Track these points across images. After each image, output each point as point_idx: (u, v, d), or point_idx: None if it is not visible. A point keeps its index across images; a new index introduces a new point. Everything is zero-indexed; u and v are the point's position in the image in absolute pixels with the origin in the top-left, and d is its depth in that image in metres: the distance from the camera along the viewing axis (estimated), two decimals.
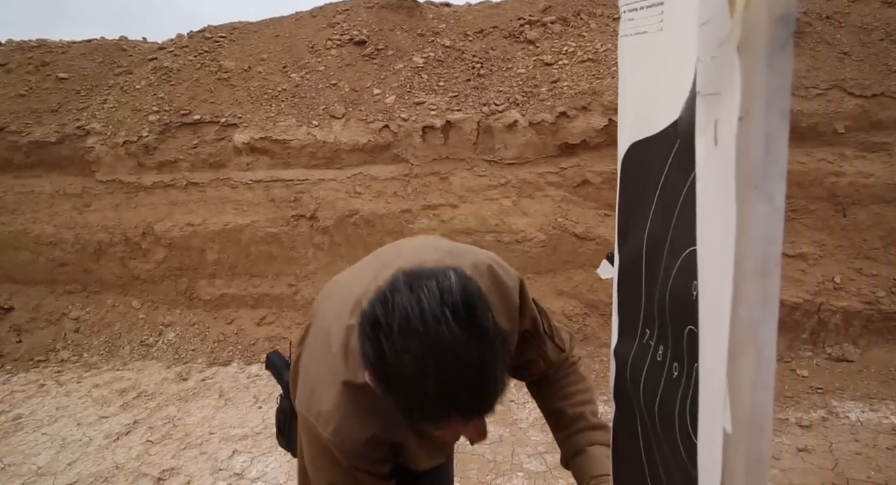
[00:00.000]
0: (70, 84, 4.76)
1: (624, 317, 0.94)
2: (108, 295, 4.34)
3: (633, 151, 0.84)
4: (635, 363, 0.87)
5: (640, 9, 0.81)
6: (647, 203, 0.82)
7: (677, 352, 0.70)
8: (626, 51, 0.86)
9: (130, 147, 4.29)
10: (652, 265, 0.81)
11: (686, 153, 0.69)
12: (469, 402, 0.75)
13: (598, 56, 4.41)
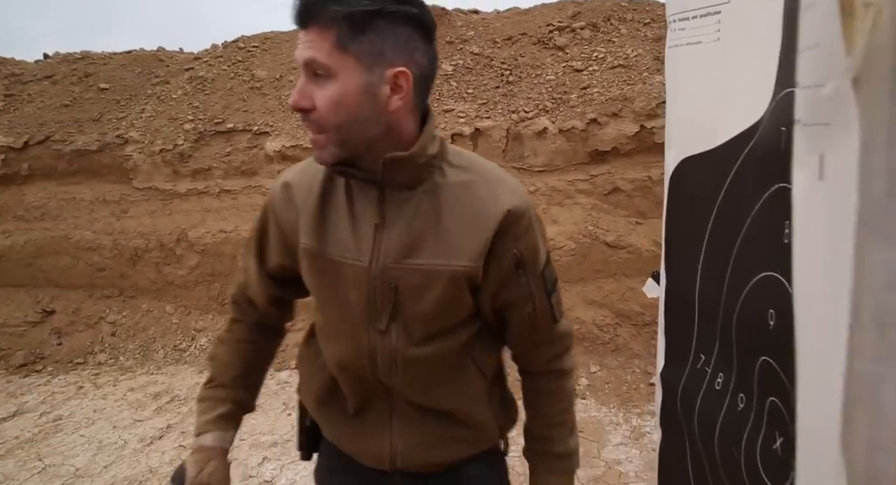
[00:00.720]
0: (111, 94, 4.89)
1: (673, 341, 0.90)
2: (143, 300, 4.44)
3: (685, 166, 0.81)
4: (688, 390, 0.83)
5: (691, 18, 0.78)
6: (702, 222, 0.79)
7: (744, 383, 0.67)
8: (675, 62, 0.83)
9: (166, 155, 4.38)
10: (710, 288, 0.77)
11: (758, 173, 0.65)
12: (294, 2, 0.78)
13: (629, 62, 4.34)
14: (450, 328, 0.96)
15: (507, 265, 0.92)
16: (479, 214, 0.89)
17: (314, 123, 0.81)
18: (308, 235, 0.93)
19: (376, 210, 0.89)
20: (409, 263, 0.89)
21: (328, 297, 0.96)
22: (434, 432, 1.01)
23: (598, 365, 3.78)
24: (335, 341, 0.98)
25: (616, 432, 3.18)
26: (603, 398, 3.50)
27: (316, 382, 1.05)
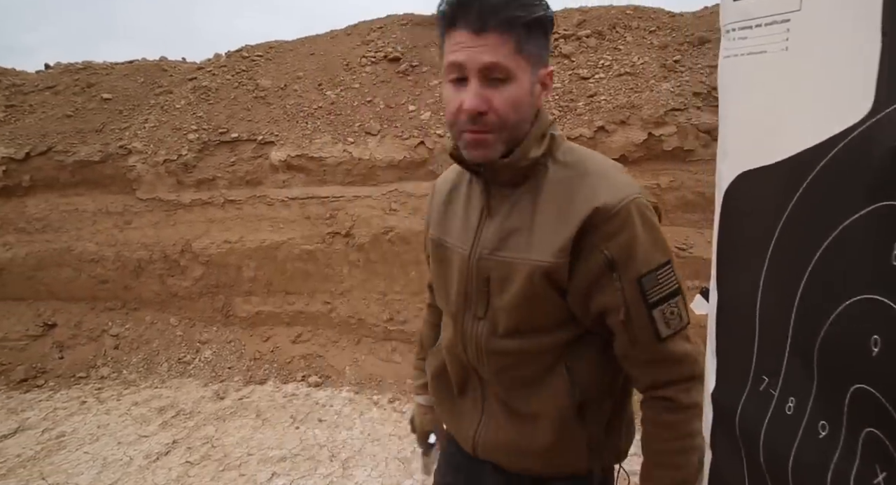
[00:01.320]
0: (113, 104, 4.87)
1: (727, 360, 0.86)
2: (146, 312, 4.39)
3: (744, 180, 0.78)
4: (749, 412, 0.79)
5: (755, 27, 0.74)
6: (765, 237, 0.75)
7: (828, 411, 0.63)
8: (732, 72, 0.80)
9: (170, 165, 4.35)
10: (776, 307, 0.73)
11: (848, 189, 0.61)
12: (464, 5, 0.82)
13: (636, 69, 4.33)
14: (538, 327, 0.94)
15: (595, 266, 0.88)
16: (568, 210, 0.88)
17: (486, 124, 0.86)
18: (434, 227, 1.07)
19: (484, 203, 0.97)
20: (499, 256, 0.94)
21: (441, 282, 1.07)
22: (512, 435, 1.01)
23: None
24: (446, 324, 1.10)
25: None
26: None
27: (436, 357, 1.16)
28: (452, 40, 0.84)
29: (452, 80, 0.87)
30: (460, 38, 0.83)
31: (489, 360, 0.99)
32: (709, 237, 3.82)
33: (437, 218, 1.07)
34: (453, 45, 0.84)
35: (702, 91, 3.97)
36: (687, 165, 3.84)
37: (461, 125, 0.87)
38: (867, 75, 0.59)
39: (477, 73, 0.83)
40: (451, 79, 0.87)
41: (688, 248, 3.69)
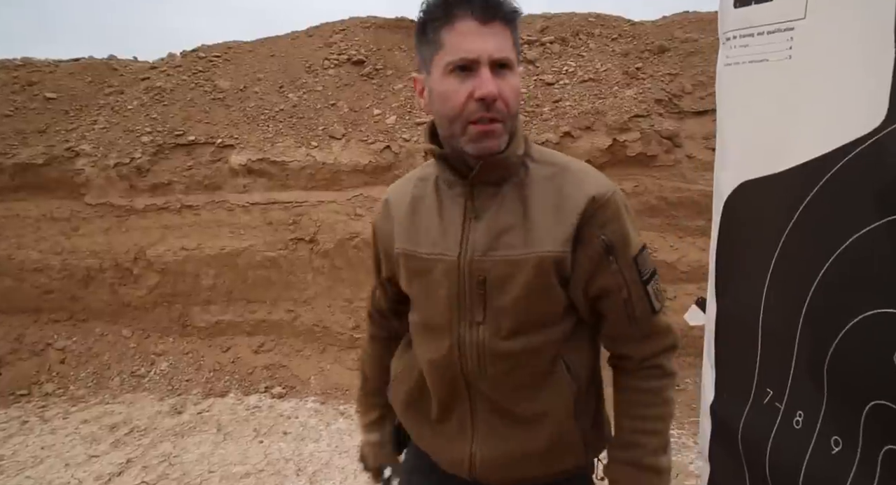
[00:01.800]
0: (58, 104, 4.61)
1: (727, 371, 0.85)
2: (96, 323, 4.15)
3: (746, 190, 0.77)
4: (753, 426, 0.78)
5: (756, 35, 0.73)
6: (768, 248, 0.74)
7: (842, 426, 0.61)
8: (732, 80, 0.79)
9: (122, 169, 4.14)
10: (780, 319, 0.72)
11: (850, 200, 0.60)
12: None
13: (599, 76, 4.40)
14: (540, 323, 0.95)
15: (596, 252, 0.92)
16: (564, 202, 0.92)
17: (498, 112, 0.86)
18: (402, 239, 1.01)
19: (465, 205, 0.94)
20: (496, 255, 0.92)
21: (422, 294, 1.01)
22: (515, 443, 0.98)
23: None
24: (429, 339, 1.02)
25: None
26: None
27: (405, 383, 1.10)
28: (457, 31, 0.84)
29: (455, 71, 0.84)
30: (467, 28, 0.83)
31: (492, 365, 0.95)
32: (671, 241, 3.91)
33: (402, 231, 1.01)
34: (459, 36, 0.84)
35: (663, 98, 4.06)
36: (650, 171, 3.91)
37: (470, 115, 0.85)
38: (879, 85, 0.58)
39: (488, 62, 0.84)
40: (454, 70, 0.84)
41: (652, 252, 3.76)
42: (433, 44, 0.86)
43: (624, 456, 0.98)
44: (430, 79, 0.89)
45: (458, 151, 0.90)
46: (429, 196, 1.00)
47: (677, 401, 3.59)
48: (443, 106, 0.87)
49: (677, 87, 4.14)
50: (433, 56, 0.86)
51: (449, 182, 0.96)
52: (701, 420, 0.91)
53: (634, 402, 0.99)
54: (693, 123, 4.00)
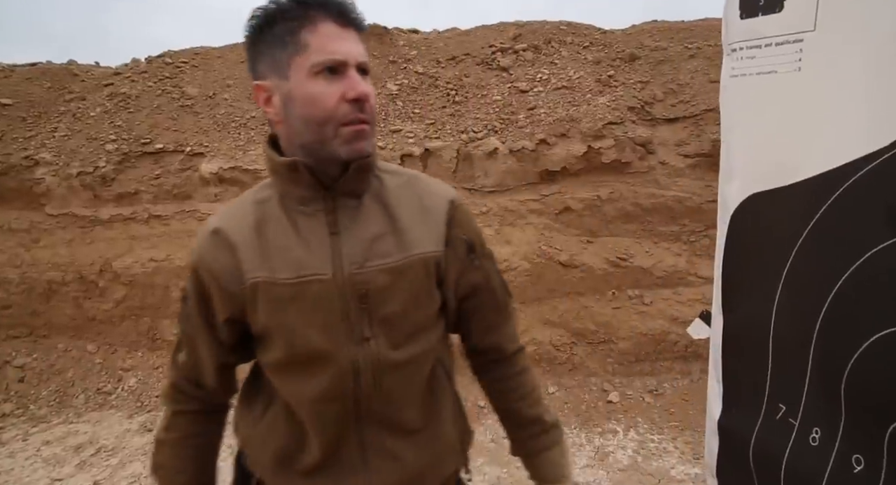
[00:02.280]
0: (15, 111, 4.41)
1: (735, 386, 0.84)
2: (58, 339, 3.97)
3: (755, 202, 0.76)
4: (766, 442, 0.77)
5: (764, 46, 0.73)
6: (777, 261, 0.73)
7: (864, 445, 0.60)
8: (739, 91, 0.78)
9: (85, 178, 3.99)
10: (793, 334, 0.71)
11: (864, 215, 0.60)
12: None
13: (573, 83, 4.44)
14: (423, 328, 0.96)
15: (461, 251, 0.98)
16: (429, 206, 0.96)
17: (368, 114, 0.85)
18: (255, 268, 0.89)
19: (328, 220, 0.90)
20: (375, 266, 0.90)
21: (290, 326, 0.89)
22: (410, 458, 0.97)
23: (555, 385, 3.76)
24: (307, 376, 0.91)
25: (581, 454, 3.15)
26: (563, 419, 3.47)
27: (273, 440, 0.97)
28: (320, 32, 0.82)
29: (324, 73, 0.82)
30: (330, 30, 0.82)
31: (387, 379, 0.92)
32: (646, 247, 3.96)
33: (252, 259, 0.89)
34: (324, 37, 0.82)
35: (635, 106, 4.12)
36: (624, 177, 3.96)
37: (342, 117, 0.83)
38: (892, 100, 0.58)
39: (353, 66, 0.83)
40: (322, 71, 0.82)
41: (628, 258, 3.80)
42: (291, 46, 0.82)
43: (534, 429, 1.09)
44: (290, 83, 0.83)
45: (323, 159, 0.86)
46: (275, 218, 0.91)
47: (656, 406, 3.61)
48: (311, 109, 0.83)
49: (649, 95, 4.20)
50: (292, 58, 0.82)
51: (302, 199, 0.90)
52: (707, 436, 0.89)
53: (524, 382, 1.10)
54: (665, 130, 4.07)
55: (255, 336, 0.94)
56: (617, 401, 3.51)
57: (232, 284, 0.90)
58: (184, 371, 0.99)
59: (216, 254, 0.91)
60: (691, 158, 3.96)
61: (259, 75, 0.87)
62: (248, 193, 0.97)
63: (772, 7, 0.70)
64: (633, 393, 3.57)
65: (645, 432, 3.24)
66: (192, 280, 0.94)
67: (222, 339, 0.95)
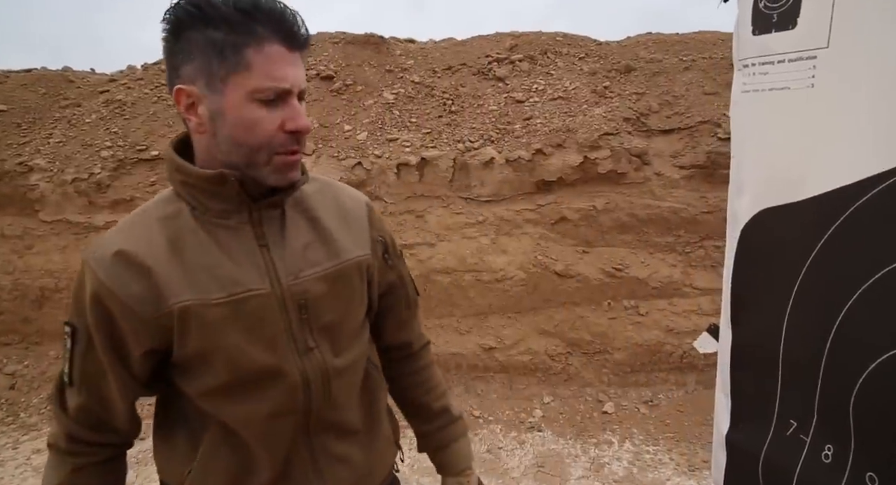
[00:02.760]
0: (9, 117, 4.39)
1: (744, 401, 0.84)
2: (51, 346, 3.92)
3: (766, 216, 0.76)
4: (775, 458, 0.77)
5: (777, 63, 0.73)
6: (788, 277, 0.73)
7: (878, 464, 0.60)
8: (750, 107, 0.79)
9: (80, 185, 3.96)
10: (804, 350, 0.71)
11: (879, 232, 0.60)
12: (275, 13, 0.77)
13: (569, 94, 4.47)
14: (357, 330, 0.98)
15: (380, 251, 1.01)
16: (348, 211, 0.97)
17: (302, 145, 0.84)
18: (180, 291, 0.80)
19: (255, 232, 0.86)
20: (310, 275, 0.88)
21: (233, 346, 0.83)
22: (359, 459, 0.99)
23: (550, 395, 3.75)
24: (258, 393, 0.86)
25: (576, 465, 3.14)
26: (559, 430, 3.46)
27: (217, 471, 0.90)
28: (266, 55, 0.76)
29: (263, 100, 0.77)
30: (277, 53, 0.77)
31: (334, 386, 0.91)
32: (642, 258, 3.97)
33: (175, 282, 0.81)
34: (270, 61, 0.76)
35: (631, 117, 4.15)
36: (620, 188, 3.98)
37: (278, 147, 0.80)
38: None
39: (295, 93, 0.80)
40: (262, 98, 0.77)
41: (624, 268, 3.81)
42: (232, 61, 0.75)
43: (442, 421, 1.14)
44: (224, 100, 0.77)
45: (250, 178, 0.82)
46: (191, 234, 0.83)
47: (651, 417, 3.60)
48: (245, 134, 0.78)
49: (644, 107, 4.23)
50: (230, 75, 0.76)
51: (223, 212, 0.84)
52: (714, 449, 0.89)
53: (431, 375, 1.16)
54: (661, 141, 4.10)
55: (180, 364, 0.86)
56: (612, 412, 3.51)
57: (149, 311, 0.80)
58: (80, 417, 0.87)
59: (124, 279, 0.80)
60: (686, 169, 3.98)
61: (183, 78, 0.79)
62: (148, 208, 0.87)
63: (785, 24, 0.71)
64: (628, 404, 3.57)
65: (640, 443, 3.23)
66: (94, 312, 0.81)
67: (136, 374, 0.85)
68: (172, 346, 0.83)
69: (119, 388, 0.85)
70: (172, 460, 0.93)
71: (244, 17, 0.75)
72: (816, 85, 0.68)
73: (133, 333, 0.82)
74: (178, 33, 0.77)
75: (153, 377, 0.88)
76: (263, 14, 0.75)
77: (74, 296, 0.85)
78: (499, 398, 3.73)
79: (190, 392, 0.87)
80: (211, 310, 0.81)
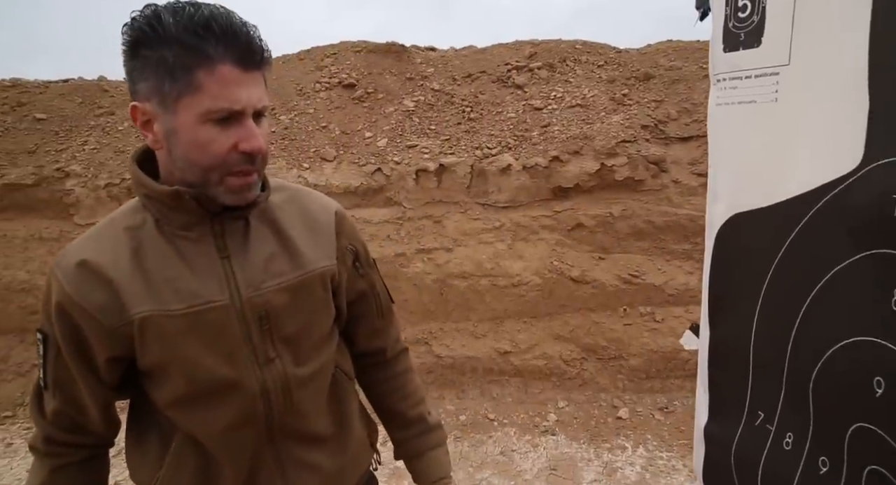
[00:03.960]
0: (48, 125, 4.61)
1: (720, 395, 0.89)
2: None
3: (738, 221, 0.81)
4: (745, 447, 0.81)
5: (744, 78, 0.79)
6: (758, 277, 0.78)
7: (828, 447, 0.65)
8: (723, 119, 0.84)
9: (112, 190, 4.14)
10: (770, 345, 0.76)
11: (842, 235, 0.65)
12: (230, 32, 0.76)
13: (587, 101, 4.51)
14: (323, 340, 0.97)
15: (349, 260, 1.01)
16: (316, 221, 0.96)
17: (259, 164, 0.82)
18: (140, 302, 0.82)
19: (217, 244, 0.86)
20: (272, 286, 0.88)
21: (191, 358, 0.84)
22: (328, 465, 0.99)
23: (565, 400, 3.77)
24: (212, 406, 0.87)
25: (589, 469, 3.16)
26: (572, 434, 3.48)
27: (182, 478, 0.91)
28: (218, 77, 0.75)
29: (214, 120, 0.77)
30: (230, 75, 0.76)
31: (297, 395, 0.92)
32: (659, 265, 3.98)
33: (137, 293, 0.82)
34: (221, 83, 0.76)
35: (649, 124, 4.17)
36: (637, 195, 4.00)
37: (230, 167, 0.80)
38: (856, 130, 0.63)
39: (249, 113, 0.79)
40: (214, 119, 0.77)
41: (640, 275, 3.82)
42: (182, 83, 0.75)
43: (417, 429, 1.14)
44: (175, 120, 0.77)
45: (205, 196, 0.82)
46: (153, 245, 0.84)
47: (666, 424, 3.59)
48: (199, 154, 0.79)
49: (663, 114, 4.25)
50: (181, 96, 0.76)
51: (185, 224, 0.85)
52: (695, 442, 0.94)
53: (406, 382, 1.15)
54: (679, 149, 4.11)
55: (145, 372, 0.88)
56: (626, 417, 3.52)
57: (111, 321, 0.82)
58: (56, 420, 0.90)
59: (86, 290, 0.81)
60: (704, 176, 3.98)
61: (138, 95, 0.79)
62: (116, 217, 0.88)
63: (751, 43, 0.76)
64: (643, 410, 3.57)
65: (654, 449, 3.24)
66: (60, 320, 0.83)
67: (103, 379, 0.88)
68: (135, 354, 0.85)
69: (89, 393, 0.87)
70: (142, 465, 0.94)
71: (195, 39, 0.74)
72: (779, 99, 0.73)
73: (97, 341, 0.83)
74: (134, 51, 0.77)
75: (124, 383, 0.90)
76: (215, 35, 0.74)
77: (43, 304, 0.87)
78: (513, 402, 3.77)
79: (156, 400, 0.89)
80: (170, 321, 0.82)
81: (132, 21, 0.76)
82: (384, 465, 1.18)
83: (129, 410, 0.97)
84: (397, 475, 2.87)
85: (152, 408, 0.91)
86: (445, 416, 3.61)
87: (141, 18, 0.75)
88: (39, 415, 0.91)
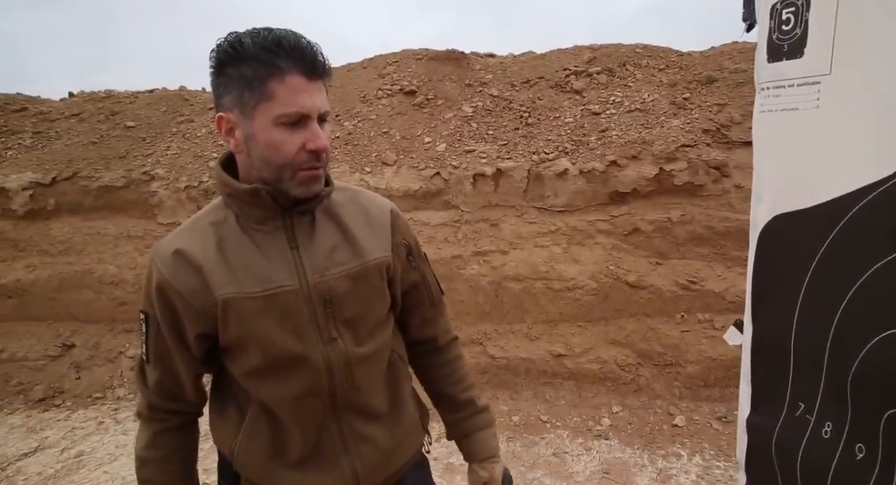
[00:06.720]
0: (137, 132, 5.02)
1: (762, 388, 0.93)
2: None
3: (780, 221, 0.86)
4: (785, 437, 0.85)
5: (787, 87, 0.84)
6: (799, 274, 0.83)
7: (865, 434, 0.69)
8: (767, 125, 0.89)
9: (191, 191, 4.46)
10: (810, 339, 0.80)
11: (870, 234, 0.70)
12: (297, 49, 0.88)
13: (646, 106, 4.47)
14: (379, 324, 1.08)
15: (403, 256, 1.12)
16: (374, 217, 1.08)
17: (323, 161, 0.95)
18: (223, 285, 0.94)
19: (287, 236, 0.99)
20: (335, 273, 1.00)
21: (265, 334, 0.96)
22: (385, 440, 1.09)
23: (619, 405, 3.75)
24: (283, 378, 0.99)
25: (642, 474, 3.14)
26: (626, 439, 3.47)
27: (257, 441, 1.03)
28: (287, 85, 0.88)
29: (286, 124, 0.89)
30: (297, 83, 0.88)
31: (357, 372, 1.02)
32: (719, 271, 3.90)
33: (221, 278, 0.95)
34: (291, 90, 0.88)
35: (711, 128, 4.09)
36: (697, 200, 3.93)
37: (300, 164, 0.92)
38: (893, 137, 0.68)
39: (314, 117, 0.90)
40: (285, 122, 0.89)
41: (699, 281, 3.76)
42: (258, 92, 0.88)
43: (467, 411, 1.24)
44: (252, 125, 0.90)
45: (278, 190, 0.94)
46: (235, 237, 0.98)
47: (724, 433, 3.51)
48: (272, 154, 0.91)
49: (725, 118, 4.16)
50: (258, 104, 0.89)
51: (260, 219, 0.98)
52: (738, 434, 0.98)
53: (457, 368, 1.25)
54: (741, 153, 4.01)
55: (225, 348, 1.00)
56: (683, 425, 3.47)
57: (199, 302, 0.95)
58: (157, 390, 1.03)
59: (180, 275, 0.95)
60: None
61: (223, 107, 0.93)
62: (201, 215, 1.03)
63: (794, 54, 0.81)
64: (700, 418, 3.51)
65: (711, 458, 3.18)
66: (159, 301, 0.97)
67: (194, 353, 1.01)
68: (218, 331, 0.98)
69: (184, 364, 1.01)
70: (223, 431, 1.08)
71: (269, 55, 0.87)
72: (821, 107, 0.78)
73: (188, 319, 0.97)
74: (220, 69, 0.91)
75: (209, 357, 1.04)
76: (285, 51, 0.87)
77: (145, 287, 1.02)
78: (567, 405, 3.78)
79: (234, 372, 1.02)
80: (248, 302, 0.95)
81: (217, 46, 0.90)
82: (438, 461, 1.27)
83: (213, 385, 1.10)
84: (450, 471, 2.96)
85: (231, 382, 1.05)
86: (498, 416, 3.67)
87: (225, 43, 0.90)
88: (143, 385, 1.06)
